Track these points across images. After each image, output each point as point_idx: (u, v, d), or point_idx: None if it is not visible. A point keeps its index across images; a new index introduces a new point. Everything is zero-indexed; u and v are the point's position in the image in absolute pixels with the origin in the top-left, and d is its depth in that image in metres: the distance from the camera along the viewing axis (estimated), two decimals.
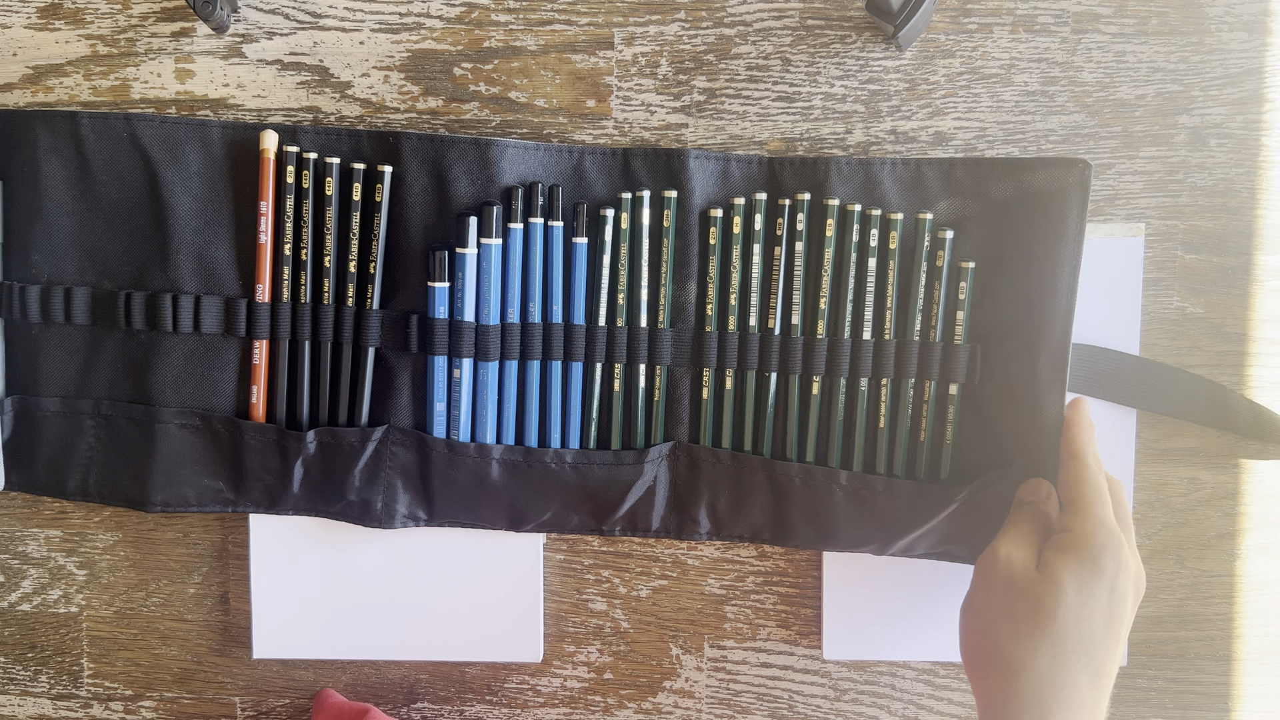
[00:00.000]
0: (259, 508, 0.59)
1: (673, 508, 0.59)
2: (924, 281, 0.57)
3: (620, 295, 0.58)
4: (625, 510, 0.59)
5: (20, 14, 0.59)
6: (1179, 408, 0.58)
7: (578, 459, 0.58)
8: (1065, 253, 0.54)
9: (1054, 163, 0.55)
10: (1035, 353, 0.55)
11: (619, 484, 0.58)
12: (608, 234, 0.57)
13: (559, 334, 0.58)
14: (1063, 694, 0.47)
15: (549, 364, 0.58)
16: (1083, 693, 0.48)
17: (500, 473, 0.58)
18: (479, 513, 0.59)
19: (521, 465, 0.58)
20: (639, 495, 0.59)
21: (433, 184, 0.57)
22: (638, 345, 0.58)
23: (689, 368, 0.58)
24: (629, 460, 0.58)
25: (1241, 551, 0.60)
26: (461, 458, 0.58)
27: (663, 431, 0.58)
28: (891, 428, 0.58)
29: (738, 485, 0.58)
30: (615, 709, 0.62)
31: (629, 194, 0.57)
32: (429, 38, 0.59)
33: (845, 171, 0.56)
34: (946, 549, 0.58)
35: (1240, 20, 0.58)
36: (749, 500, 0.58)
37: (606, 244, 0.57)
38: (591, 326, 0.58)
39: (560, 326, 0.58)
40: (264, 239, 0.57)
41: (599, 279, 0.58)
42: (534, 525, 0.59)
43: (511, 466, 0.58)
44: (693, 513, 0.59)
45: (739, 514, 0.59)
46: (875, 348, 0.57)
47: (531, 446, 0.58)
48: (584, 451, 0.58)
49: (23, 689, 0.63)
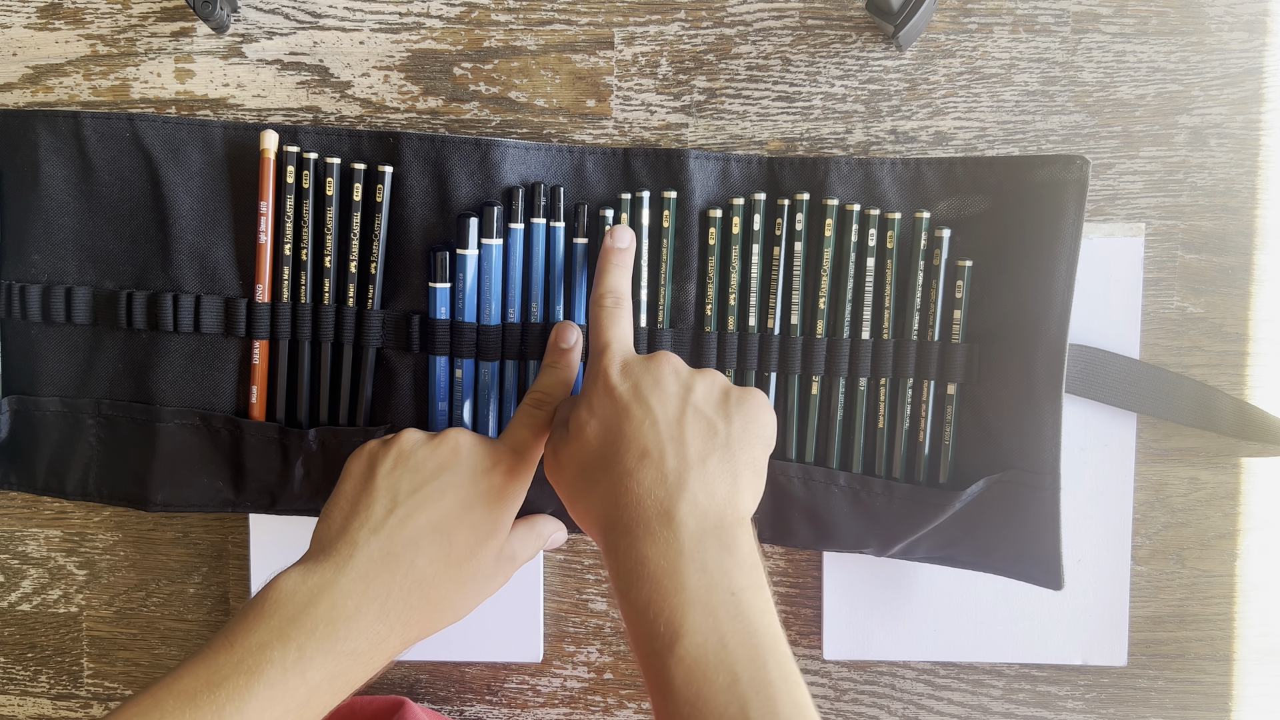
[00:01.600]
0: (259, 508, 0.59)
1: None
2: (921, 280, 0.57)
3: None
4: None
5: (20, 14, 0.59)
6: (1166, 408, 0.58)
7: None
8: (1062, 249, 0.54)
9: (1052, 160, 0.55)
10: (1032, 351, 0.55)
11: None
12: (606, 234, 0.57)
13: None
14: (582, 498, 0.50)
15: None
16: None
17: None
18: None
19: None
20: None
21: (433, 184, 0.57)
22: (639, 345, 0.58)
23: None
24: None
25: (1241, 551, 0.60)
26: None
27: None
28: (891, 428, 0.58)
29: None
30: (615, 709, 0.62)
31: (629, 195, 0.57)
32: (429, 37, 0.59)
33: (845, 171, 0.56)
34: (948, 553, 0.58)
35: (1240, 20, 0.58)
36: None
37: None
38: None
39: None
40: (264, 239, 0.57)
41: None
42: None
43: None
44: None
45: None
46: (874, 347, 0.57)
47: None
48: None
49: (23, 689, 0.63)
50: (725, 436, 0.48)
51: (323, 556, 0.48)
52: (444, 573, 0.49)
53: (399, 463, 0.51)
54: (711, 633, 0.42)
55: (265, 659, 0.44)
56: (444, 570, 0.49)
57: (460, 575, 0.49)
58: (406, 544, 0.48)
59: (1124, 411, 0.59)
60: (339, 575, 0.47)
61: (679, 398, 0.49)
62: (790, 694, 0.41)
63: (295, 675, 0.44)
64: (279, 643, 0.44)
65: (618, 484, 0.46)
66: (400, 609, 0.47)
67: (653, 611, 0.43)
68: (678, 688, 0.41)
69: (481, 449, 0.52)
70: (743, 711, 0.40)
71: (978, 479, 0.56)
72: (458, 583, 0.49)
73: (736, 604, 0.43)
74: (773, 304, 0.57)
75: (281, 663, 0.44)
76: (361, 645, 0.46)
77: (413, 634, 0.48)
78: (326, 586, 0.46)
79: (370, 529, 0.48)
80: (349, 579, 0.47)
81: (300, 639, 0.44)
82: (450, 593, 0.49)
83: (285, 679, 0.43)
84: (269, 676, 0.43)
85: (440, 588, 0.49)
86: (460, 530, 0.49)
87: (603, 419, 0.49)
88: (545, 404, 0.53)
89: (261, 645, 0.44)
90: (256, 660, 0.43)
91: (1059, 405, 0.55)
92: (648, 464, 0.46)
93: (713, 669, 0.41)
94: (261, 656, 0.44)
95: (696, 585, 0.43)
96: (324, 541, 0.49)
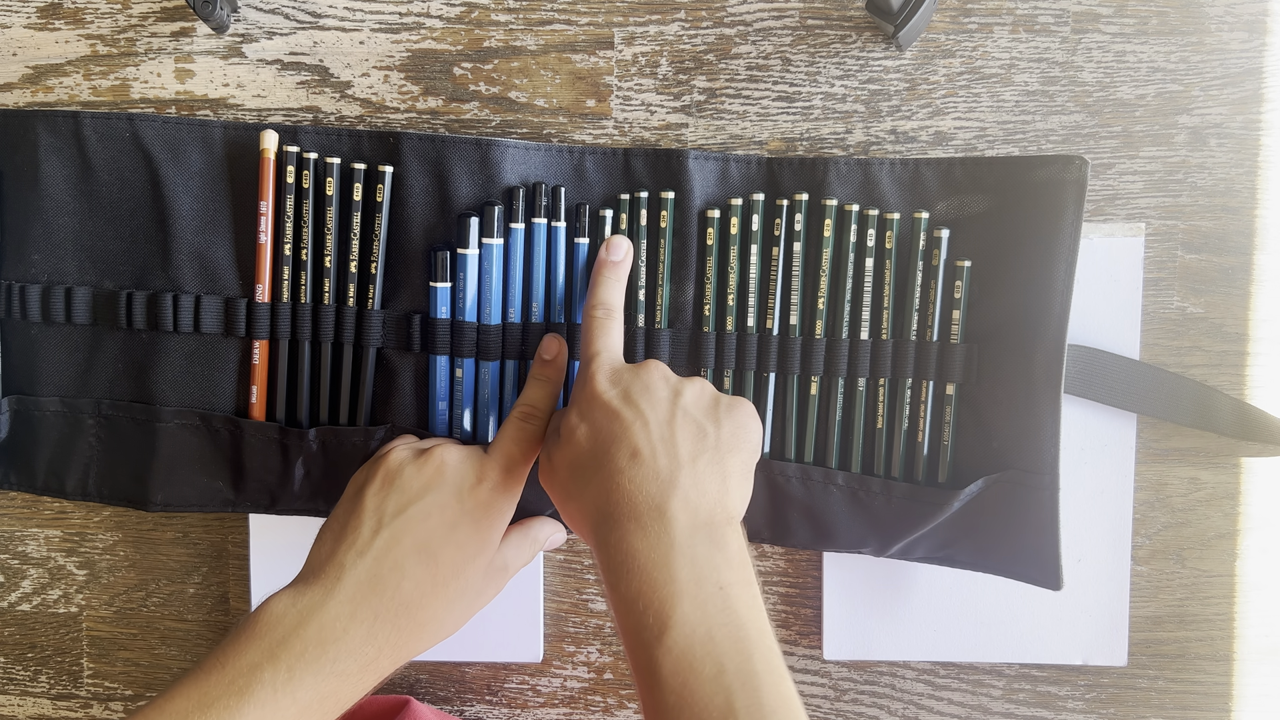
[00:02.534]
0: (259, 508, 0.59)
1: None
2: (920, 280, 0.57)
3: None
4: None
5: (20, 14, 0.60)
6: (1165, 409, 0.58)
7: None
8: (1061, 249, 0.54)
9: (1052, 160, 0.55)
10: (1031, 352, 0.55)
11: None
12: (606, 233, 0.57)
13: (560, 334, 0.58)
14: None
15: None
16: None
17: None
18: None
19: None
20: None
21: (434, 184, 0.57)
22: (636, 345, 0.58)
23: (687, 368, 0.58)
24: None
25: (1241, 551, 0.60)
26: None
27: None
28: (889, 428, 0.58)
29: None
30: (615, 709, 0.62)
31: (627, 195, 0.57)
32: (429, 37, 0.59)
33: (844, 171, 0.56)
34: (947, 554, 0.58)
35: (1240, 20, 0.58)
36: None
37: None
38: None
39: (562, 326, 0.58)
40: (264, 239, 0.57)
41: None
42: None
43: None
44: None
45: None
46: (873, 347, 0.57)
47: None
48: None
49: (23, 689, 0.63)
50: (715, 439, 0.49)
51: (313, 579, 0.49)
52: (431, 593, 0.49)
53: (385, 483, 0.52)
54: (699, 625, 0.42)
55: (256, 680, 0.44)
56: (431, 591, 0.49)
57: (448, 594, 0.50)
58: (392, 567, 0.49)
59: (1124, 411, 0.59)
60: (327, 599, 0.47)
61: (668, 402, 0.49)
62: (775, 686, 0.41)
63: (285, 696, 0.44)
64: (269, 664, 0.45)
65: (609, 480, 0.47)
66: (388, 631, 0.48)
67: (642, 603, 0.43)
68: (664, 678, 0.42)
69: (468, 465, 0.52)
70: (728, 702, 0.40)
71: (977, 479, 0.56)
72: (446, 601, 0.50)
73: (725, 598, 0.43)
74: (771, 304, 0.57)
75: (272, 683, 0.44)
76: (351, 667, 0.46)
77: (403, 654, 0.49)
78: (315, 609, 0.47)
79: (357, 552, 0.49)
80: (337, 602, 0.47)
81: (290, 660, 0.45)
82: (439, 612, 0.50)
83: (275, 699, 0.44)
84: (259, 697, 0.44)
85: (428, 609, 0.49)
86: (446, 550, 0.50)
87: (593, 423, 0.49)
88: (533, 417, 0.54)
89: (252, 666, 0.45)
90: (247, 681, 0.44)
91: (1058, 406, 0.55)
92: (639, 462, 0.47)
93: (700, 660, 0.42)
94: (252, 677, 0.44)
95: (686, 579, 0.43)
96: (315, 564, 0.50)
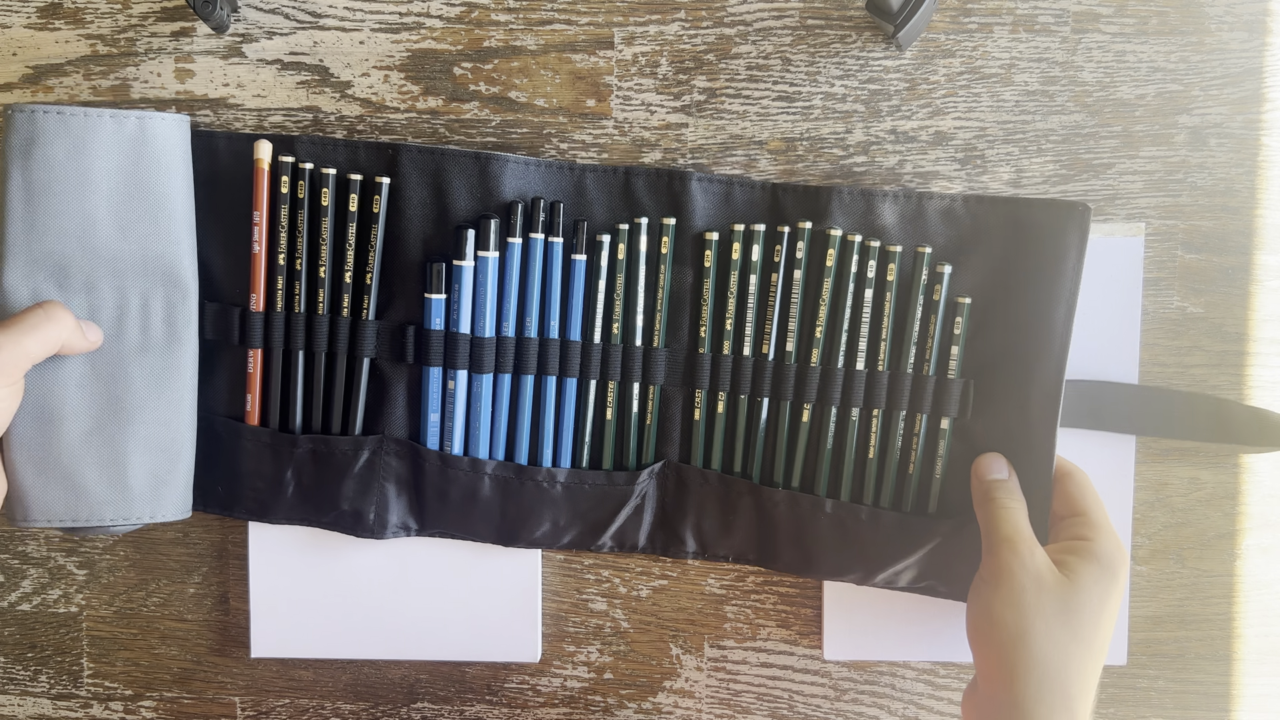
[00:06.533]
0: (252, 515, 0.59)
1: (659, 525, 0.59)
2: (920, 315, 0.57)
3: (615, 322, 0.58)
4: (615, 528, 0.59)
5: (20, 14, 0.59)
6: (1182, 429, 0.58)
7: (570, 479, 0.58)
8: (1062, 294, 0.54)
9: (1054, 205, 0.55)
10: (1028, 390, 0.55)
11: (610, 504, 0.58)
12: (603, 259, 0.57)
13: (554, 349, 0.58)
14: (1087, 695, 0.50)
15: (544, 379, 0.58)
16: (1094, 693, 0.52)
17: (492, 488, 0.58)
18: (470, 526, 0.59)
19: (514, 482, 0.58)
20: (628, 514, 0.59)
21: (431, 196, 0.57)
22: (632, 364, 0.58)
23: (681, 388, 0.58)
24: (620, 481, 0.58)
25: (1241, 551, 0.60)
26: (454, 471, 0.58)
27: (654, 450, 0.58)
28: (881, 459, 0.57)
29: (724, 507, 0.58)
30: (615, 709, 0.62)
31: (627, 224, 0.57)
32: (429, 37, 0.59)
33: (847, 201, 0.56)
34: (929, 584, 0.58)
35: (1240, 20, 0.58)
36: (734, 523, 0.58)
37: (603, 269, 0.57)
38: (586, 343, 0.58)
39: (556, 342, 0.58)
40: (257, 248, 0.57)
41: (595, 299, 0.58)
42: (525, 542, 0.59)
43: (503, 483, 0.58)
44: (679, 531, 0.59)
45: (724, 536, 0.59)
46: (868, 378, 0.57)
47: (524, 464, 0.58)
48: (576, 471, 0.58)
49: (23, 689, 0.63)
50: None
51: None
52: None
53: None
54: None
55: None
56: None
57: None
58: None
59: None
60: None
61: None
62: None
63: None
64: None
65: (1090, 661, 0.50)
66: None
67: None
68: None
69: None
70: None
71: (966, 510, 0.56)
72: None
73: None
74: (768, 330, 0.57)
75: None
76: None
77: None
78: None
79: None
80: None
81: None
82: None
83: None
84: None
85: None
86: None
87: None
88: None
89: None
90: None
91: (1052, 445, 0.55)
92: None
93: None
94: None
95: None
96: None
